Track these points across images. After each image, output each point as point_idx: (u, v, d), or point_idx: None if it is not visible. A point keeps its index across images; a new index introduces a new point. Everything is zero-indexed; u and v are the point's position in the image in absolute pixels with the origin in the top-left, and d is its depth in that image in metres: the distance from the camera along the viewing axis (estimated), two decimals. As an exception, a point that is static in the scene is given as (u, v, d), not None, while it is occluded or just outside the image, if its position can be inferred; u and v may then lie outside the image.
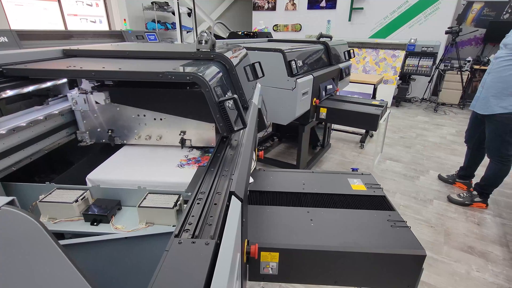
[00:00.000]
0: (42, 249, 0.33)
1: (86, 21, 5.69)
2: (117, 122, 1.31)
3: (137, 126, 1.32)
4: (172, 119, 1.30)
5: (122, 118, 1.30)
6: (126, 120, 1.31)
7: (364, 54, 6.02)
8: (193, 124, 1.29)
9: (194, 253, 0.51)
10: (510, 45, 2.11)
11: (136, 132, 1.33)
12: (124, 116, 1.30)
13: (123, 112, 1.29)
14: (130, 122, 1.31)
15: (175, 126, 1.32)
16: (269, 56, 2.22)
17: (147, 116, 1.30)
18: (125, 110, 1.29)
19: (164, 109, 1.28)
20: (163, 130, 1.33)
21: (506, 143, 2.27)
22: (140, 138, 1.32)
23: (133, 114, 1.30)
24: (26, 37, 3.11)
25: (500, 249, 2.09)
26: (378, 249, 1.00)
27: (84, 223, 0.93)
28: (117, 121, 1.31)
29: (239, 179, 0.77)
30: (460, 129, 4.59)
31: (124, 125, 1.31)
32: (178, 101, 1.26)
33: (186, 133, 1.31)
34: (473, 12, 5.83)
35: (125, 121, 1.31)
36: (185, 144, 1.31)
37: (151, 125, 1.32)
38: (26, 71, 0.98)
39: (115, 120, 1.30)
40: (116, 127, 1.32)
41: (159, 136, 1.33)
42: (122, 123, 1.31)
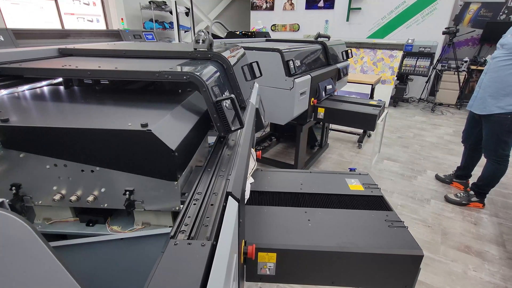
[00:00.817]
0: (33, 251, 0.33)
1: (83, 20, 5.65)
2: (23, 175, 0.84)
3: (55, 181, 0.84)
4: (110, 172, 0.82)
5: (30, 170, 0.83)
6: (37, 174, 0.83)
7: (362, 54, 6.03)
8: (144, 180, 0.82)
9: (190, 254, 0.51)
10: (507, 45, 2.12)
11: (56, 190, 0.85)
12: (32, 167, 0.83)
13: (30, 161, 0.82)
14: (43, 176, 0.83)
15: (115, 183, 0.84)
16: (267, 55, 2.21)
17: (70, 167, 0.82)
18: (33, 159, 0.82)
19: (93, 159, 0.81)
20: (98, 187, 0.85)
21: (503, 143, 2.28)
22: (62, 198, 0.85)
23: (46, 164, 0.82)
24: (22, 36, 3.08)
25: (496, 249, 2.10)
26: (376, 249, 1.00)
27: (80, 224, 0.92)
28: (24, 174, 0.84)
29: (236, 179, 0.77)
30: (457, 129, 4.61)
31: (34, 180, 0.84)
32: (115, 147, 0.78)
33: (134, 192, 0.84)
34: (470, 13, 5.86)
35: (35, 174, 0.83)
36: (135, 207, 0.85)
37: (78, 180, 0.84)
38: (21, 70, 0.97)
39: (19, 172, 0.83)
40: (24, 182, 0.85)
41: (93, 197, 0.85)
42: (31, 177, 0.84)
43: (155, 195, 0.83)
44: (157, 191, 0.82)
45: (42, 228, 0.90)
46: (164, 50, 1.25)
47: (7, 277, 0.30)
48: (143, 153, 0.77)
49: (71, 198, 0.84)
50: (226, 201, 0.68)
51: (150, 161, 0.78)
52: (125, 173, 0.81)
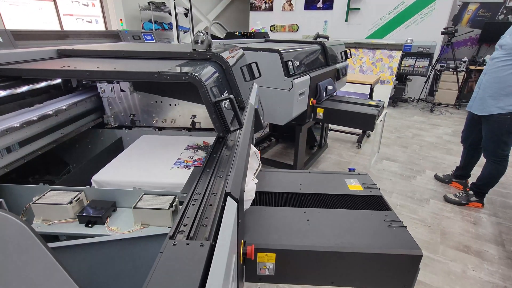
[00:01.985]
0: (31, 252, 0.33)
1: (82, 21, 5.65)
2: (138, 108, 1.54)
3: (155, 111, 1.55)
4: (185, 105, 1.53)
5: (143, 104, 1.53)
6: (146, 106, 1.53)
7: (360, 54, 6.04)
8: (202, 108, 1.48)
9: (189, 255, 0.51)
10: (505, 46, 2.13)
11: (154, 116, 1.56)
12: (144, 102, 1.52)
13: (144, 99, 1.52)
14: (149, 108, 1.54)
15: (187, 111, 1.55)
16: (266, 56, 2.21)
17: (164, 102, 1.52)
18: (145, 97, 1.51)
19: (178, 96, 1.50)
20: (177, 114, 1.56)
21: (502, 143, 2.28)
22: (157, 121, 1.55)
23: (152, 101, 1.52)
24: (21, 37, 3.07)
25: (495, 248, 2.10)
26: (375, 249, 1.00)
27: (79, 224, 0.92)
28: (138, 106, 1.54)
29: (235, 179, 0.77)
30: (456, 129, 4.62)
31: (144, 110, 1.54)
32: (188, 90, 1.44)
33: (196, 116, 1.54)
34: (469, 13, 5.87)
35: (145, 106, 1.53)
36: (195, 126, 1.54)
37: (167, 110, 1.55)
38: (19, 71, 0.97)
39: (136, 106, 1.54)
40: (137, 112, 1.55)
41: (173, 119, 1.56)
42: (142, 109, 1.54)
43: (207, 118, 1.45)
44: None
45: (41, 229, 0.90)
46: (163, 51, 1.25)
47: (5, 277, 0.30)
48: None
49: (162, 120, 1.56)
50: (225, 201, 0.68)
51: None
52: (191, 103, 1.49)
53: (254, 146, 1.25)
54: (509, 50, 2.09)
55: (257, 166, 1.26)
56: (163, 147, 1.35)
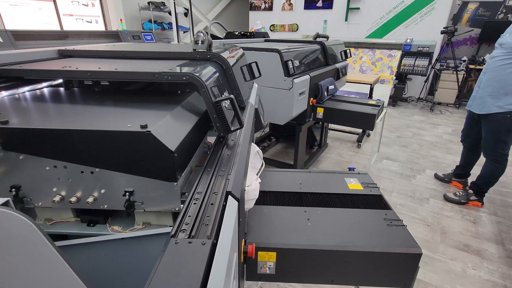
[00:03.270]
0: (38, 250, 0.33)
1: (82, 21, 5.65)
2: (23, 177, 0.85)
3: (55, 182, 0.85)
4: (110, 174, 0.83)
5: (30, 171, 0.84)
6: (36, 175, 0.84)
7: (360, 54, 6.04)
8: (144, 181, 0.83)
9: (191, 253, 0.51)
10: (505, 44, 2.13)
11: (56, 191, 0.86)
12: (32, 169, 0.83)
13: (30, 163, 0.83)
14: (43, 178, 0.84)
15: (115, 184, 0.84)
16: (266, 56, 2.22)
17: (69, 169, 0.83)
18: (33, 160, 0.82)
19: (92, 160, 0.81)
20: (97, 189, 0.86)
21: (502, 142, 2.29)
22: (62, 200, 0.86)
23: (46, 166, 0.83)
24: (21, 37, 3.08)
25: (495, 247, 2.11)
26: (375, 248, 1.01)
27: (81, 224, 0.93)
28: (23, 175, 0.85)
29: (235, 179, 0.77)
30: (456, 128, 4.62)
31: (34, 181, 0.85)
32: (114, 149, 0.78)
33: (134, 193, 0.85)
34: (468, 12, 5.87)
35: (34, 176, 0.84)
36: (135, 208, 0.86)
37: (77, 182, 0.85)
38: (21, 71, 0.98)
39: (19, 174, 0.84)
40: (24, 184, 0.86)
41: (93, 198, 0.86)
42: (31, 179, 0.85)
43: (155, 196, 0.83)
44: (157, 192, 0.83)
45: (44, 229, 0.90)
46: (163, 51, 1.25)
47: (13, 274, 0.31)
48: (142, 154, 0.77)
49: (71, 200, 0.85)
50: (226, 200, 0.69)
51: (150, 162, 0.78)
52: (125, 174, 0.82)
53: (257, 146, 1.26)
54: (509, 49, 2.09)
55: (260, 165, 1.26)
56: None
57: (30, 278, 0.33)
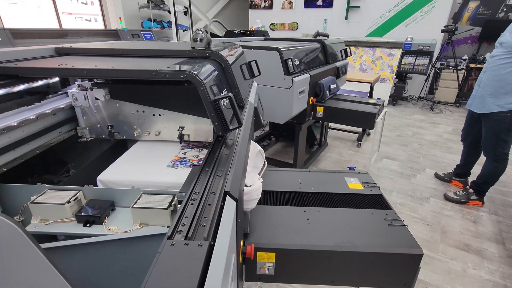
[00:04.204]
0: (23, 252, 0.32)
1: (81, 20, 5.62)
2: (116, 118, 1.32)
3: (136, 122, 1.33)
4: (170, 115, 1.31)
5: (122, 114, 1.31)
6: (126, 116, 1.32)
7: (360, 52, 6.02)
8: (191, 119, 1.30)
9: (187, 255, 0.50)
10: (505, 43, 2.12)
11: (135, 128, 1.34)
12: (123, 112, 1.31)
13: (123, 108, 1.30)
14: (129, 118, 1.32)
15: (173, 122, 1.33)
16: (265, 54, 2.20)
17: (146, 112, 1.30)
18: (125, 106, 1.30)
19: (162, 105, 1.29)
20: (162, 126, 1.34)
21: (502, 141, 2.28)
22: (139, 134, 1.34)
23: (132, 110, 1.30)
24: (19, 35, 3.06)
25: (495, 247, 2.10)
26: (375, 248, 1.00)
27: (77, 224, 0.91)
28: (117, 117, 1.32)
29: (234, 178, 0.76)
30: (456, 127, 4.61)
31: (123, 120, 1.32)
32: (175, 97, 1.27)
33: (184, 128, 1.32)
34: (469, 11, 5.85)
35: (124, 117, 1.32)
36: (183, 139, 1.32)
37: (150, 121, 1.33)
38: (16, 69, 0.96)
39: (114, 116, 1.32)
40: (116, 123, 1.33)
41: (158, 131, 1.34)
42: (121, 119, 1.32)
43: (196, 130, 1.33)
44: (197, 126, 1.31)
45: (39, 229, 0.90)
46: (161, 49, 1.24)
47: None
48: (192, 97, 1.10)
49: (145, 133, 1.33)
50: (224, 200, 0.68)
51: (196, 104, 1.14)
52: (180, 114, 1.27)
53: (259, 145, 1.24)
54: (509, 48, 2.08)
55: (262, 165, 1.25)
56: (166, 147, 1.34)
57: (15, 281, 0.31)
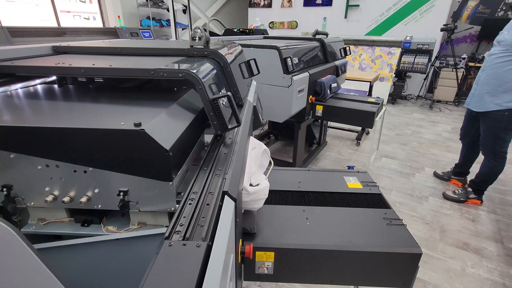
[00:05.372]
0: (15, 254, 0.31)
1: (79, 18, 5.60)
2: (14, 176, 0.82)
3: (47, 182, 0.82)
4: (104, 173, 0.80)
5: (22, 171, 0.81)
6: (28, 174, 0.81)
7: (360, 51, 6.01)
8: (139, 180, 0.80)
9: (185, 255, 0.50)
10: (503, 42, 2.11)
11: (48, 191, 0.83)
12: (23, 168, 0.80)
13: (22, 162, 0.79)
14: (35, 177, 0.81)
15: (109, 183, 0.81)
16: (264, 53, 2.20)
17: (62, 168, 0.80)
18: (24, 160, 0.79)
19: (85, 159, 0.79)
20: (91, 188, 0.83)
21: (500, 140, 2.28)
22: (55, 199, 0.83)
23: (38, 165, 0.80)
24: (17, 33, 3.04)
25: (494, 245, 2.10)
26: (374, 248, 1.00)
27: (75, 224, 0.91)
28: (15, 174, 0.82)
29: (232, 178, 0.76)
30: (455, 126, 4.61)
31: (26, 181, 0.82)
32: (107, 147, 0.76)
33: (128, 193, 0.82)
34: (468, 9, 5.85)
35: (26, 175, 0.81)
36: (128, 208, 0.83)
37: (70, 181, 0.82)
38: (13, 68, 0.95)
39: (10, 173, 0.81)
40: (15, 183, 0.83)
41: (86, 197, 0.82)
42: (22, 178, 0.82)
43: (150, 195, 0.81)
44: (152, 191, 0.80)
45: (37, 229, 0.89)
46: (160, 48, 1.23)
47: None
48: (136, 153, 0.75)
49: (64, 199, 0.82)
50: (223, 200, 0.67)
51: (144, 161, 0.76)
52: (119, 174, 0.79)
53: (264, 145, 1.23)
54: (507, 46, 2.08)
55: (267, 164, 1.24)
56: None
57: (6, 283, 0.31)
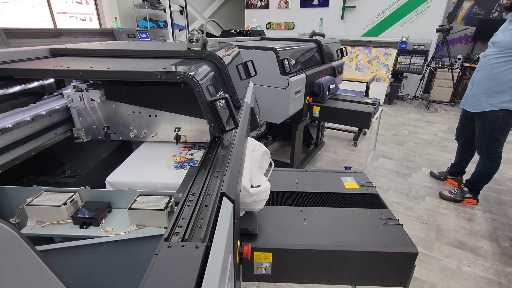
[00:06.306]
0: (18, 255, 0.32)
1: (76, 19, 5.58)
2: (112, 119, 1.32)
3: (132, 123, 1.33)
4: (167, 116, 1.32)
5: (118, 115, 1.32)
6: (122, 117, 1.32)
7: (356, 52, 6.05)
8: (187, 120, 1.31)
9: (184, 256, 0.51)
10: (498, 43, 2.14)
11: (132, 129, 1.34)
12: (119, 113, 1.31)
13: (119, 109, 1.30)
14: (125, 119, 1.32)
15: (169, 123, 1.33)
16: (261, 54, 2.21)
17: (142, 113, 1.31)
18: (121, 107, 1.30)
19: (158, 106, 1.29)
20: (158, 127, 1.34)
21: (495, 140, 2.30)
22: (135, 134, 1.34)
23: (128, 111, 1.31)
24: (13, 35, 3.02)
25: (490, 244, 2.12)
26: (371, 248, 1.01)
27: (73, 226, 0.91)
28: (113, 118, 1.32)
29: (230, 179, 0.76)
30: (451, 126, 4.65)
31: (119, 122, 1.32)
32: (171, 98, 1.27)
33: (180, 129, 1.33)
34: (463, 11, 5.90)
35: (120, 118, 1.32)
36: (180, 140, 1.33)
37: (146, 122, 1.33)
38: (11, 71, 0.95)
39: (110, 117, 1.32)
40: (112, 124, 1.33)
41: (154, 132, 1.34)
42: (117, 120, 1.32)
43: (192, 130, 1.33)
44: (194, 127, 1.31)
45: (35, 231, 0.89)
46: (157, 50, 1.24)
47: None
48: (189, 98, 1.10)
49: (141, 133, 1.34)
50: (221, 202, 0.68)
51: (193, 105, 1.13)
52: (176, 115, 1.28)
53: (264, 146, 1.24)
54: (501, 47, 2.10)
55: (267, 165, 1.25)
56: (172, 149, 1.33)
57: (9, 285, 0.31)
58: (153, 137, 1.35)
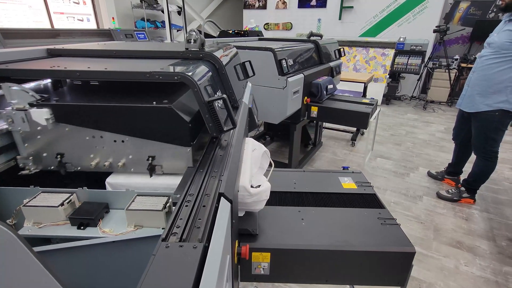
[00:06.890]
0: (15, 256, 0.32)
1: (73, 20, 5.56)
2: (67, 145, 1.02)
3: (93, 150, 1.03)
4: (137, 142, 1.02)
5: (73, 140, 1.02)
6: (78, 143, 1.02)
7: (354, 52, 6.07)
8: (164, 147, 1.01)
9: (182, 257, 0.51)
10: (493, 44, 2.16)
11: (93, 157, 1.04)
12: (75, 137, 1.01)
13: (74, 133, 1.01)
14: (83, 146, 1.03)
15: (141, 150, 1.03)
16: (259, 55, 2.21)
17: (105, 138, 1.02)
18: (77, 131, 1.01)
19: (125, 130, 1.00)
20: (126, 155, 1.04)
21: (491, 140, 2.32)
22: (98, 164, 1.04)
23: (86, 136, 1.01)
24: (10, 35, 3.01)
25: (487, 243, 2.14)
26: (368, 247, 1.01)
27: (71, 227, 0.91)
28: (68, 144, 1.02)
29: (228, 180, 0.76)
30: (448, 126, 4.67)
31: (76, 149, 1.03)
32: (143, 120, 0.98)
33: (155, 158, 1.03)
34: (460, 11, 5.94)
35: (77, 144, 1.02)
36: (155, 171, 1.04)
37: (111, 149, 1.03)
38: (7, 71, 0.95)
39: (64, 142, 1.02)
40: (67, 151, 1.03)
41: (122, 162, 1.04)
42: (73, 147, 1.03)
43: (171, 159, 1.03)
44: (173, 156, 1.03)
45: (32, 232, 0.89)
46: (155, 50, 1.24)
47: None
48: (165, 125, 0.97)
49: (105, 164, 1.04)
50: (219, 202, 0.68)
51: (170, 130, 0.98)
52: (149, 141, 1.01)
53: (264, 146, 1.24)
54: (497, 48, 2.12)
55: (267, 165, 1.25)
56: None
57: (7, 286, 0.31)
58: (121, 168, 1.04)
